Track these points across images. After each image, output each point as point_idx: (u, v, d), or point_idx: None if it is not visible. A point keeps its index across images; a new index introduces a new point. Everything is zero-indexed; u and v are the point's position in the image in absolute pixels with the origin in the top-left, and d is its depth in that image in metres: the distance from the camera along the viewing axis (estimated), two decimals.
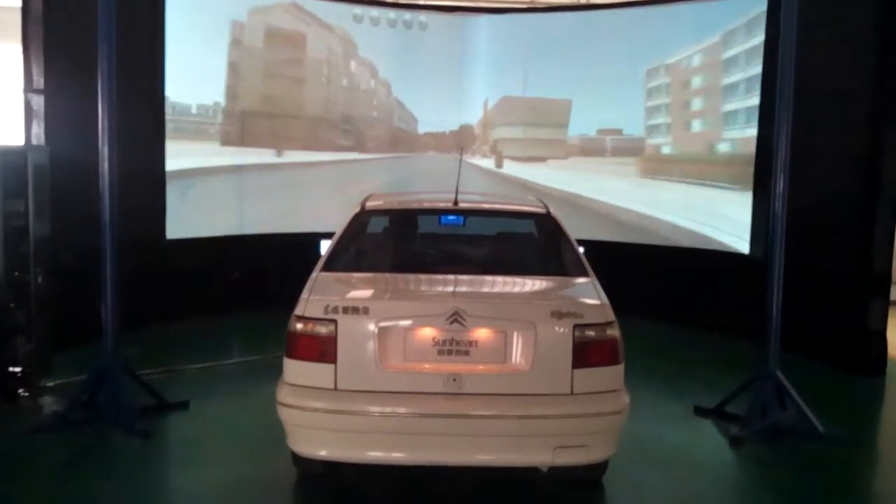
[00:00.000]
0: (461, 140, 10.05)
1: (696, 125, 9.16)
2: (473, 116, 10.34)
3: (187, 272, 8.12)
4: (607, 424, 4.02)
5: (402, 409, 3.93)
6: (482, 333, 3.99)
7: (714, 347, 7.88)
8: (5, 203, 5.68)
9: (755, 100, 8.11)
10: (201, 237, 8.47)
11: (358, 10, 9.51)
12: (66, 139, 6.60)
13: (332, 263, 4.57)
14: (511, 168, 10.21)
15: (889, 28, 6.77)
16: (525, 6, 9.72)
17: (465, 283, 4.43)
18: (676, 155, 9.20)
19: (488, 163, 10.31)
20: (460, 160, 5.80)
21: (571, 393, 3.97)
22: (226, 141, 8.91)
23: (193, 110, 8.56)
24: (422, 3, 9.85)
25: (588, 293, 4.27)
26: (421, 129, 10.27)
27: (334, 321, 3.96)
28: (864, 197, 6.94)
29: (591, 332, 3.98)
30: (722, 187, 8.64)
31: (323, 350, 3.96)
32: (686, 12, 8.86)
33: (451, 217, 5.06)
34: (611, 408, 4.00)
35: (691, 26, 8.85)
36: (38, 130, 6.70)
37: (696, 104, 9.13)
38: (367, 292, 4.41)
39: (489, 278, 4.58)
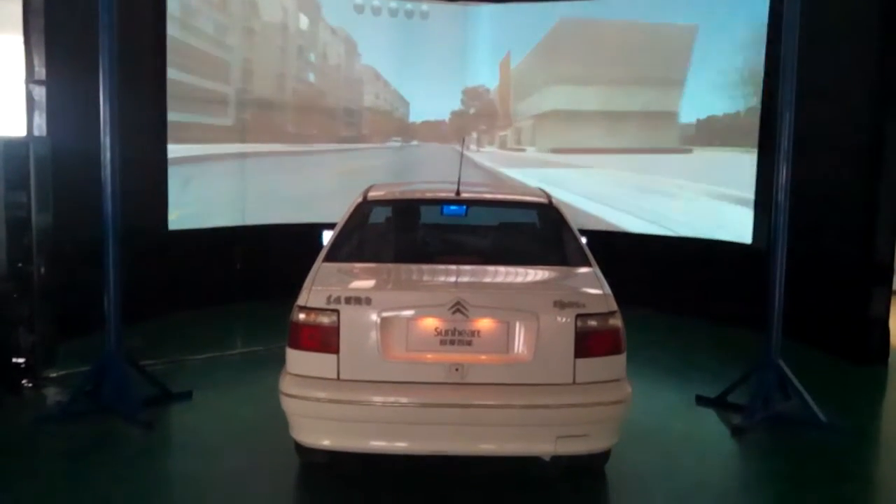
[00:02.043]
0: (462, 127, 9.89)
1: None
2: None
3: (190, 262, 8.14)
4: (609, 414, 4.03)
5: (404, 399, 3.94)
6: (485, 323, 4.00)
7: (716, 337, 7.89)
8: (7, 194, 5.68)
9: None
10: (203, 228, 8.47)
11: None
12: (67, 130, 6.61)
13: (335, 254, 4.57)
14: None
15: (893, 15, 6.74)
16: None
17: (467, 273, 4.43)
18: None
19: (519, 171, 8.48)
20: (462, 150, 5.80)
21: (574, 382, 3.97)
22: None
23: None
24: None
25: (590, 283, 4.27)
26: (414, 118, 9.93)
27: (337, 311, 3.97)
28: (866, 186, 6.93)
29: (593, 322, 3.98)
30: None
31: (325, 340, 3.97)
32: None
33: (453, 207, 5.06)
34: (613, 397, 4.00)
35: None
36: (40, 121, 6.70)
37: None
38: (370, 282, 4.42)
39: (491, 268, 4.58)
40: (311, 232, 5.57)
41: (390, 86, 9.78)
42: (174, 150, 8.03)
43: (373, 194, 5.18)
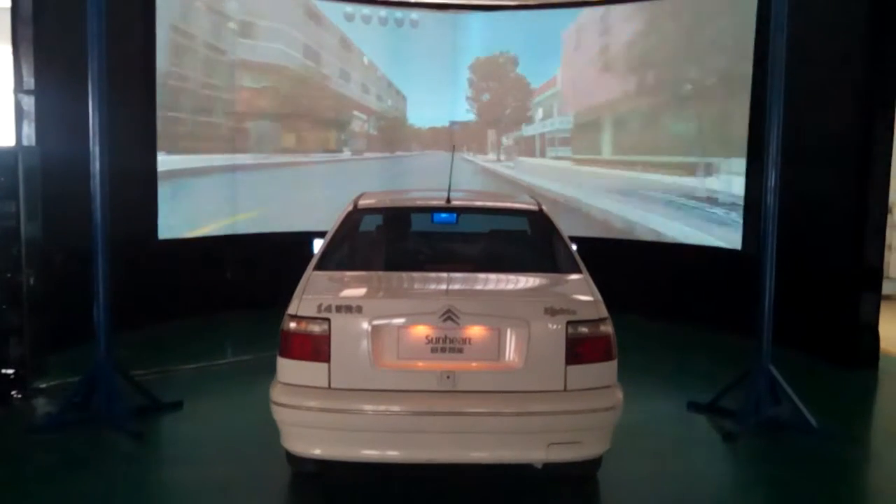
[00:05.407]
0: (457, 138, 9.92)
1: None
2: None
3: (180, 272, 8.12)
4: (601, 420, 4.03)
5: (395, 408, 3.93)
6: (475, 331, 4.00)
7: (707, 343, 7.90)
8: None
9: None
10: (193, 237, 8.46)
11: (349, 7, 9.49)
12: (56, 140, 6.59)
13: (326, 262, 4.57)
14: None
15: (880, 21, 6.78)
16: (516, 4, 9.66)
17: (458, 281, 4.43)
18: None
19: None
20: (452, 157, 5.80)
21: (565, 389, 3.97)
22: None
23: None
24: (413, 0, 9.82)
25: (581, 290, 4.28)
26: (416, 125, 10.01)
27: (328, 320, 3.96)
28: (855, 191, 6.96)
29: (584, 329, 3.99)
30: None
31: (316, 349, 3.96)
32: None
33: (443, 215, 5.06)
34: (604, 404, 4.00)
35: None
36: (29, 131, 6.67)
37: None
38: (361, 291, 4.41)
39: (482, 276, 4.58)
40: (302, 240, 5.56)
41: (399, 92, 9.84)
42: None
43: (363, 202, 5.18)
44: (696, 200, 8.51)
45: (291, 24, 9.17)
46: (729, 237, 8.20)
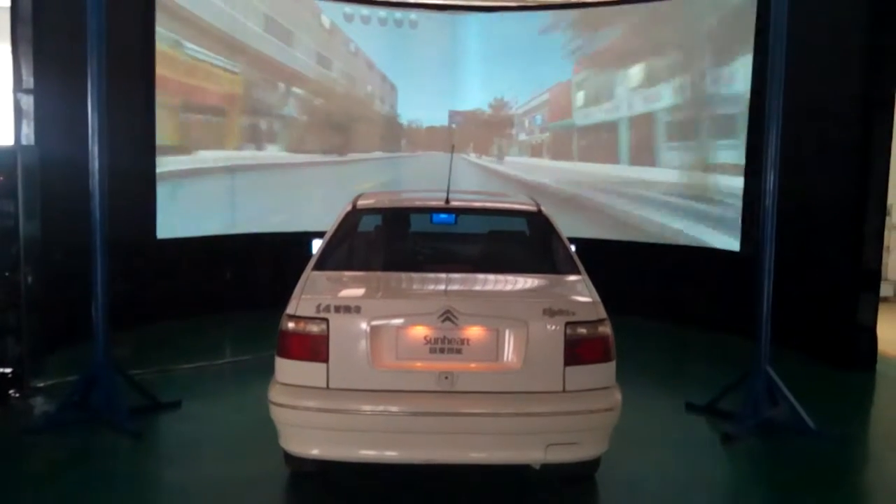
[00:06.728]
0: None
1: None
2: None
3: (178, 271, 8.11)
4: (599, 421, 4.03)
5: (394, 408, 3.93)
6: (474, 331, 4.00)
7: (706, 344, 7.91)
8: None
9: None
10: (192, 237, 8.45)
11: (348, 8, 9.50)
12: (55, 139, 6.58)
13: (324, 262, 4.57)
14: None
15: (879, 23, 6.79)
16: (516, 5, 9.67)
17: (456, 282, 4.43)
18: None
19: None
20: (451, 157, 5.80)
21: (563, 390, 3.97)
22: None
23: None
24: (412, 1, 9.82)
25: (579, 291, 4.28)
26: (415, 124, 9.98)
27: (326, 320, 3.96)
28: (854, 193, 6.97)
29: (582, 330, 3.99)
30: None
31: (315, 349, 3.96)
32: None
33: (442, 215, 5.06)
34: (603, 405, 4.00)
35: None
36: (28, 130, 6.67)
37: None
38: (359, 291, 4.41)
39: (481, 276, 4.58)
40: (301, 240, 5.56)
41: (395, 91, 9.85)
42: None
43: (362, 203, 5.18)
44: None
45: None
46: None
